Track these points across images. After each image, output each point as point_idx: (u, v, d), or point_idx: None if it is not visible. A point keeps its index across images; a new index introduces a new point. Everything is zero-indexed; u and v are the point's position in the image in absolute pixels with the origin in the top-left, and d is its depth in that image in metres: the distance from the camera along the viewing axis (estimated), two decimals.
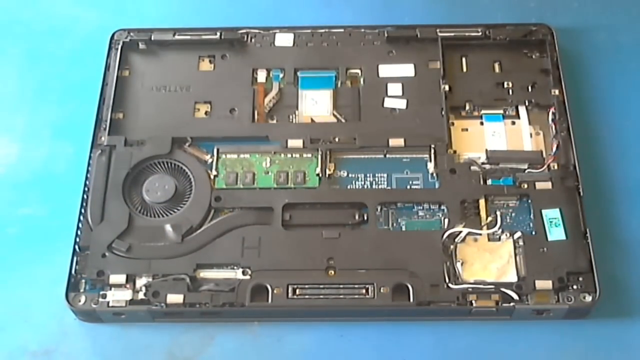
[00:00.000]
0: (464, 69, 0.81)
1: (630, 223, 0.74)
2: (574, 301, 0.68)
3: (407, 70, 0.81)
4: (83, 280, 0.70)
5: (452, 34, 0.82)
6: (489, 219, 0.72)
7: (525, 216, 0.73)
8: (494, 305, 0.68)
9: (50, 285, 0.71)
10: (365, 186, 0.76)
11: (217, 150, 0.77)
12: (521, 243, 0.71)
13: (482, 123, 0.78)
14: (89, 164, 0.75)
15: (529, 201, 0.73)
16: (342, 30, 0.84)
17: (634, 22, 0.87)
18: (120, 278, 0.70)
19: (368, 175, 0.76)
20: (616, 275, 0.71)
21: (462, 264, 0.70)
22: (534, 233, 0.71)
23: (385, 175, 0.76)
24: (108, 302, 0.69)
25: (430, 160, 0.76)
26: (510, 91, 0.79)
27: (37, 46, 0.88)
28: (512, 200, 0.74)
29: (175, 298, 0.69)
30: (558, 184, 0.74)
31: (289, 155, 0.77)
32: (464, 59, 0.82)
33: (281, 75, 0.82)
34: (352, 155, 0.77)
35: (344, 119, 0.79)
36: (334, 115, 0.79)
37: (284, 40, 0.83)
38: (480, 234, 0.71)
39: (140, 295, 0.69)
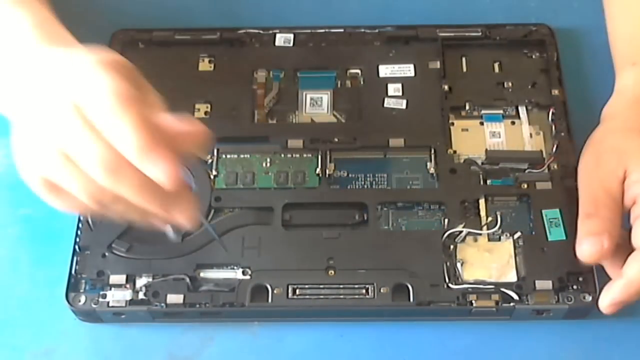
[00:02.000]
0: (464, 69, 0.81)
1: (629, 223, 0.74)
2: (574, 301, 0.68)
3: (407, 70, 0.81)
4: (83, 280, 0.70)
5: (452, 34, 0.82)
6: (489, 219, 0.72)
7: (525, 216, 0.73)
8: (494, 305, 0.68)
9: (50, 285, 0.71)
10: (365, 186, 0.75)
11: (217, 150, 0.77)
12: (521, 243, 0.71)
13: (482, 123, 0.78)
14: None
15: (529, 201, 0.73)
16: (342, 30, 0.84)
17: None
18: (120, 278, 0.69)
19: (368, 175, 0.76)
20: None
21: (462, 264, 0.70)
22: (534, 233, 0.71)
23: (385, 175, 0.76)
24: (108, 302, 0.69)
25: (430, 160, 0.76)
26: (510, 91, 0.79)
27: None
28: (512, 200, 0.73)
29: (175, 298, 0.69)
30: (558, 184, 0.73)
31: (289, 156, 0.77)
32: (464, 59, 0.82)
33: (281, 75, 0.82)
34: (352, 155, 0.77)
35: (344, 119, 0.79)
36: (334, 115, 0.79)
37: (284, 40, 0.83)
38: (480, 234, 0.71)
39: (140, 295, 0.69)
